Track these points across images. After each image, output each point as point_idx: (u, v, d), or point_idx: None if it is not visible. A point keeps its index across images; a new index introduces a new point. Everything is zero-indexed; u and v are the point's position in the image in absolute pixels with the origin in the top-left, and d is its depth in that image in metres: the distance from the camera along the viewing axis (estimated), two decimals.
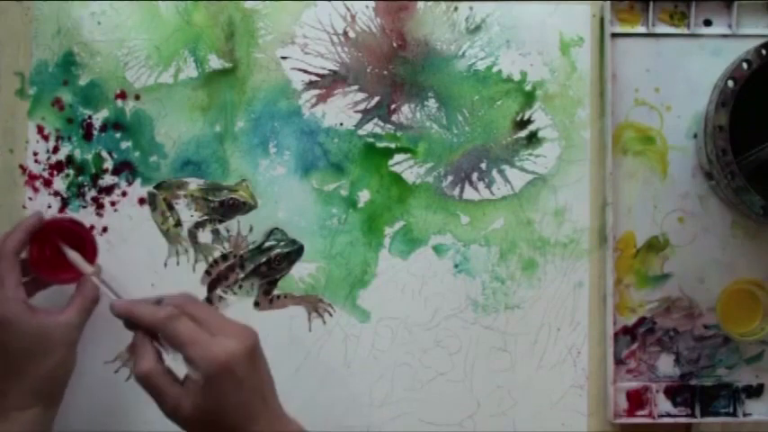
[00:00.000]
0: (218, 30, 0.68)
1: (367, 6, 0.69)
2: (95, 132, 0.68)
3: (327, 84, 0.69)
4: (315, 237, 0.68)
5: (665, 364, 0.68)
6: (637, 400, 0.68)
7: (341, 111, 0.69)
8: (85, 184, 0.68)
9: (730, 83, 0.62)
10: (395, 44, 0.69)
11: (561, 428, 0.68)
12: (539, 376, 0.68)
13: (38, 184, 0.68)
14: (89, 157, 0.68)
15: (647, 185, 0.69)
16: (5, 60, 0.68)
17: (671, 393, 0.68)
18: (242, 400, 0.45)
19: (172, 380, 0.46)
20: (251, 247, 0.68)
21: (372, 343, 0.68)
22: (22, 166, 0.68)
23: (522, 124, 0.69)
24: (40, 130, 0.68)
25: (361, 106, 0.69)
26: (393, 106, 0.69)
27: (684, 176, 0.69)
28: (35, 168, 0.68)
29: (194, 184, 0.68)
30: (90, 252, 0.62)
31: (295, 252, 0.68)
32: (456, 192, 0.69)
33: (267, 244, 0.68)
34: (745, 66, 0.62)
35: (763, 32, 0.69)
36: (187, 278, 0.67)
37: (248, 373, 0.46)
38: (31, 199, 0.67)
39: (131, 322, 0.51)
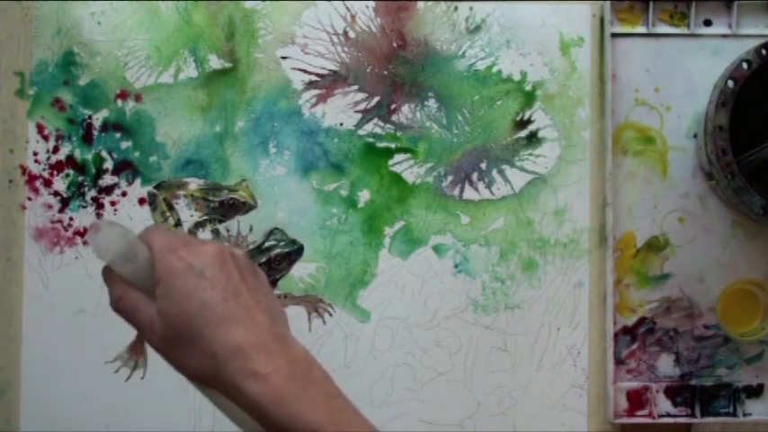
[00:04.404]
0: (218, 30, 0.68)
1: (367, 6, 0.69)
2: (95, 132, 0.68)
3: (327, 84, 0.69)
4: (315, 237, 0.68)
5: (665, 364, 0.68)
6: (637, 400, 0.68)
7: (341, 111, 0.69)
8: (85, 184, 0.68)
9: (730, 83, 0.62)
10: (395, 44, 0.69)
11: (561, 428, 0.68)
12: (539, 376, 0.68)
13: (38, 184, 0.68)
14: (89, 157, 0.68)
15: (647, 185, 0.69)
16: (5, 60, 0.68)
17: (671, 393, 0.68)
18: (207, 300, 0.40)
19: (146, 300, 0.42)
20: (251, 247, 0.68)
21: (372, 343, 0.68)
22: (22, 166, 0.68)
23: (522, 124, 0.69)
24: (40, 130, 0.68)
25: (361, 106, 0.69)
26: (393, 106, 0.69)
27: (684, 176, 0.69)
28: (35, 168, 0.68)
29: (194, 184, 0.68)
30: None
31: (295, 252, 0.68)
32: (456, 192, 0.69)
33: (267, 244, 0.68)
34: (745, 66, 0.62)
35: (763, 32, 0.69)
36: None
37: (214, 276, 0.41)
38: (30, 199, 0.67)
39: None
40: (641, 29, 0.69)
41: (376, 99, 0.69)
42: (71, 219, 0.68)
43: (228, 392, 0.40)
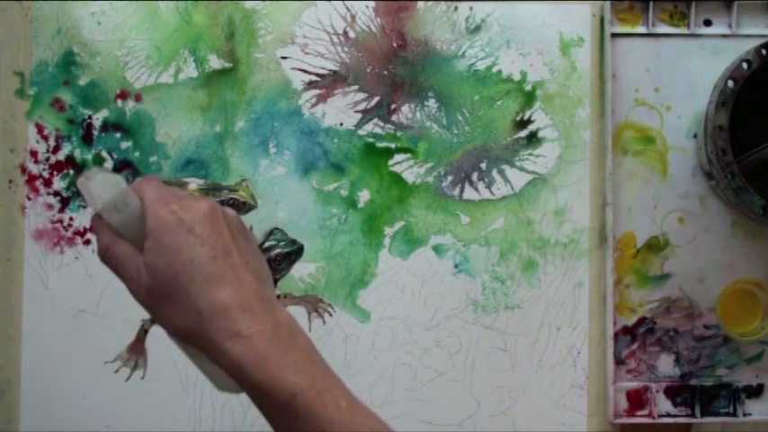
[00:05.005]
0: (218, 30, 0.68)
1: (367, 6, 0.69)
2: (95, 132, 0.68)
3: (327, 84, 0.69)
4: (315, 237, 0.68)
5: (665, 364, 0.68)
6: (637, 400, 0.68)
7: (341, 111, 0.69)
8: None
9: (730, 83, 0.62)
10: (395, 44, 0.69)
11: (561, 428, 0.68)
12: (539, 376, 0.68)
13: (38, 184, 0.68)
14: (89, 157, 0.68)
15: (647, 185, 0.69)
16: (5, 60, 0.68)
17: (671, 393, 0.68)
18: (195, 257, 0.39)
19: (134, 252, 0.41)
20: None
21: (372, 343, 0.68)
22: (22, 166, 0.68)
23: (522, 124, 0.69)
24: (40, 130, 0.68)
25: (361, 106, 0.69)
26: (393, 106, 0.69)
27: (684, 176, 0.69)
28: (35, 168, 0.68)
29: (194, 184, 0.68)
30: None
31: (295, 252, 0.68)
32: (456, 192, 0.69)
33: (267, 244, 0.68)
34: (745, 66, 0.62)
35: (763, 32, 0.69)
36: None
37: (205, 233, 0.40)
38: (30, 199, 0.67)
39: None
40: (641, 29, 0.69)
41: (376, 99, 0.69)
42: (71, 219, 0.68)
43: (210, 351, 0.40)
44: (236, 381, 0.40)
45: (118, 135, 0.68)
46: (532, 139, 0.69)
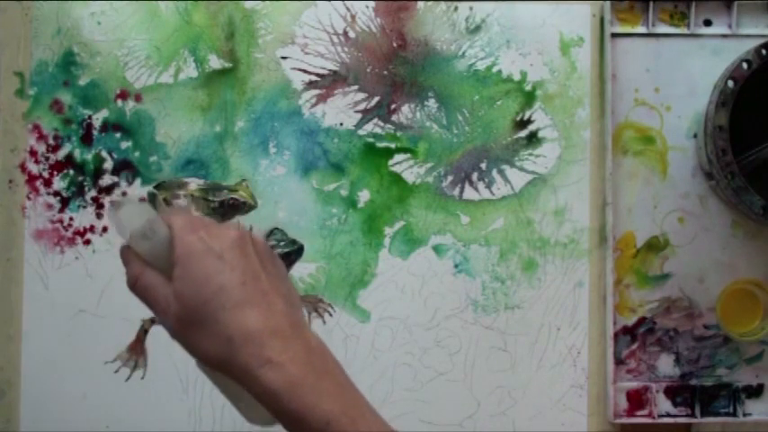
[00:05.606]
0: (218, 30, 0.68)
1: (367, 6, 0.69)
2: (95, 132, 0.68)
3: (327, 84, 0.69)
4: (315, 237, 0.68)
5: (665, 364, 0.68)
6: (637, 400, 0.68)
7: (341, 111, 0.69)
8: (85, 183, 0.68)
9: (730, 83, 0.62)
10: (395, 44, 0.69)
11: (561, 428, 0.68)
12: (539, 376, 0.68)
13: (38, 184, 0.68)
14: (89, 156, 0.68)
15: (647, 185, 0.69)
16: (5, 60, 0.68)
17: (671, 393, 0.68)
18: (225, 283, 0.39)
19: (162, 280, 0.41)
20: None
21: (372, 343, 0.68)
22: (22, 166, 0.68)
23: (522, 124, 0.69)
24: (40, 130, 0.68)
25: (361, 106, 0.69)
26: (393, 106, 0.69)
27: (684, 176, 0.69)
28: (35, 168, 0.68)
29: (194, 183, 0.68)
30: None
31: (295, 252, 0.68)
32: (456, 192, 0.69)
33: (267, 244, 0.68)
34: (745, 66, 0.62)
35: (763, 32, 0.69)
36: None
37: (234, 259, 0.40)
38: (30, 199, 0.67)
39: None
40: (641, 29, 0.69)
41: (376, 99, 0.69)
42: (71, 219, 0.68)
43: (241, 378, 0.39)
44: (268, 408, 0.39)
45: (118, 135, 0.68)
46: (532, 139, 0.69)
